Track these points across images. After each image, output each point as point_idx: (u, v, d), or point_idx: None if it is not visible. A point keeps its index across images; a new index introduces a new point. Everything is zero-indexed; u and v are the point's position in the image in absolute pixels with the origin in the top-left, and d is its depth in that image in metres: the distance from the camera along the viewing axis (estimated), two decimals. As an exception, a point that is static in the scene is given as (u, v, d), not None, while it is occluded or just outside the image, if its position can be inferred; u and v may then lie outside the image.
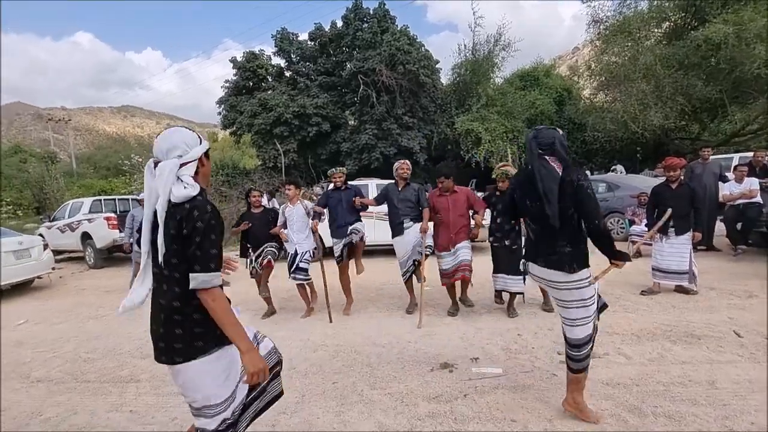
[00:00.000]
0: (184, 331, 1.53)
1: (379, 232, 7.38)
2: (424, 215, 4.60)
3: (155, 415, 2.88)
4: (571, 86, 20.38)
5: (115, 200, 11.49)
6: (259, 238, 5.02)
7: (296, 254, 4.84)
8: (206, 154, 1.67)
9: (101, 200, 11.17)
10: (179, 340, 1.53)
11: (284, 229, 4.91)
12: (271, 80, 21.17)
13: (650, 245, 5.28)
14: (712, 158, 7.50)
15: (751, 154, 8.35)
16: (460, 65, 18.94)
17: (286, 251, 5.03)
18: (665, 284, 4.97)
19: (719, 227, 7.04)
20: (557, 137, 2.35)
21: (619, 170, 14.28)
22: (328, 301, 4.75)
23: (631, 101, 14.44)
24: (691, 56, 13.57)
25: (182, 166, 1.55)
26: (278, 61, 21.42)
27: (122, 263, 10.03)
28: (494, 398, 2.78)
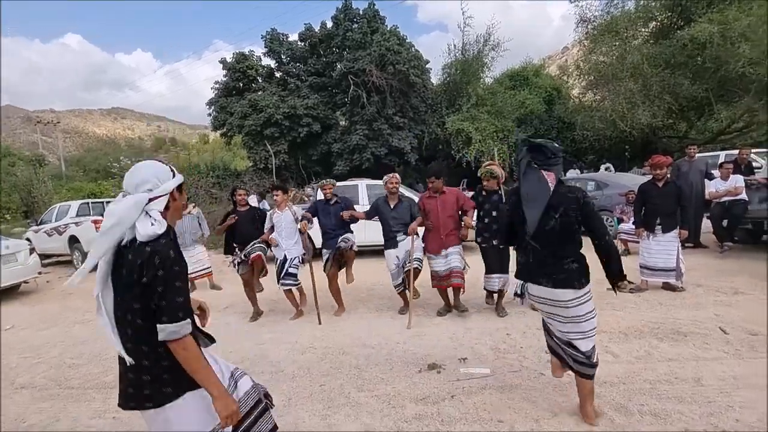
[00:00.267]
0: (151, 377, 1.48)
1: (369, 232, 7.35)
2: (415, 221, 4.62)
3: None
4: (560, 86, 20.49)
5: (102, 203, 11.32)
6: (244, 235, 5.00)
7: (285, 260, 4.80)
8: (179, 187, 1.61)
9: (89, 203, 11.03)
10: (147, 386, 1.48)
11: (272, 234, 4.88)
12: (261, 81, 21.01)
13: (636, 243, 5.32)
14: (698, 156, 7.59)
15: (736, 151, 8.46)
16: (450, 65, 18.95)
17: (274, 257, 4.99)
18: (653, 281, 5.01)
19: (706, 224, 7.10)
20: (553, 150, 2.35)
21: (606, 168, 14.42)
22: (317, 302, 4.71)
23: (619, 100, 14.53)
24: (677, 55, 13.69)
25: (151, 200, 1.49)
26: (268, 61, 21.29)
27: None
28: (481, 399, 2.78)
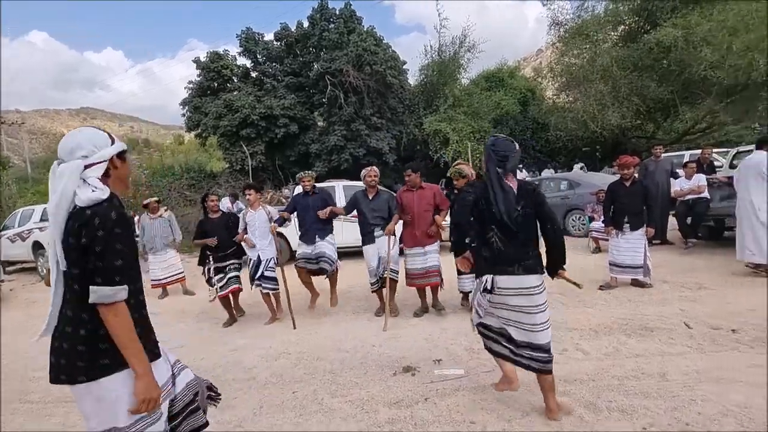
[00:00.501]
0: (87, 347, 1.41)
1: (346, 234, 7.30)
2: (393, 220, 4.60)
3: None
4: (534, 87, 20.93)
5: (69, 207, 10.92)
6: (218, 244, 4.86)
7: (259, 261, 4.72)
8: (121, 156, 1.56)
9: (53, 208, 10.60)
10: (82, 357, 1.41)
11: (246, 234, 4.79)
12: (236, 81, 20.60)
13: (606, 240, 5.45)
14: (663, 156, 7.85)
15: (700, 151, 8.79)
16: (427, 66, 19.07)
17: (248, 259, 4.88)
18: (622, 278, 5.15)
19: (672, 222, 7.35)
20: (514, 152, 2.45)
21: (581, 168, 14.79)
22: (290, 307, 4.65)
23: (590, 101, 14.92)
24: (644, 58, 14.16)
25: (87, 167, 1.45)
26: (244, 61, 20.92)
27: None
28: (455, 400, 2.79)
